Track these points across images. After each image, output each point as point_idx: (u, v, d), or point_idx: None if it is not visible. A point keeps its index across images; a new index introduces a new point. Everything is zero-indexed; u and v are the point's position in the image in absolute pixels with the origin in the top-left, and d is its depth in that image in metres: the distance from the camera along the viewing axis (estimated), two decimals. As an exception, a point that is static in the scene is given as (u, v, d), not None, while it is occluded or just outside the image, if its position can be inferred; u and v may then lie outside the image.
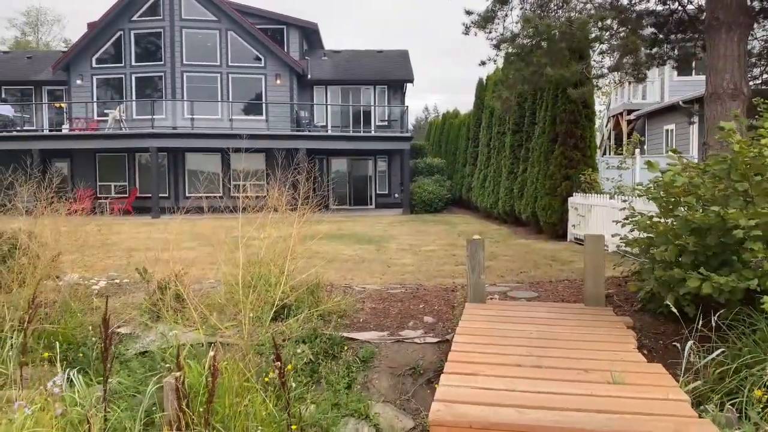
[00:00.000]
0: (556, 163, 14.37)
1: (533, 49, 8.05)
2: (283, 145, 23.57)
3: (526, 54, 8.21)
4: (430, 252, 11.98)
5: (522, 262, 10.50)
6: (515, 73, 8.62)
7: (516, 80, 8.70)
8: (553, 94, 14.75)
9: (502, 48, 8.62)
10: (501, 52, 8.92)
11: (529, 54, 8.13)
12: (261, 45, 25.12)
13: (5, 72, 27.57)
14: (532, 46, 8.10)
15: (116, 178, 25.24)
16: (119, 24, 24.61)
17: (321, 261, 10.82)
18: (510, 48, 8.44)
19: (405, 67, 28.48)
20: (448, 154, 30.05)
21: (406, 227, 17.67)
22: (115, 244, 14.45)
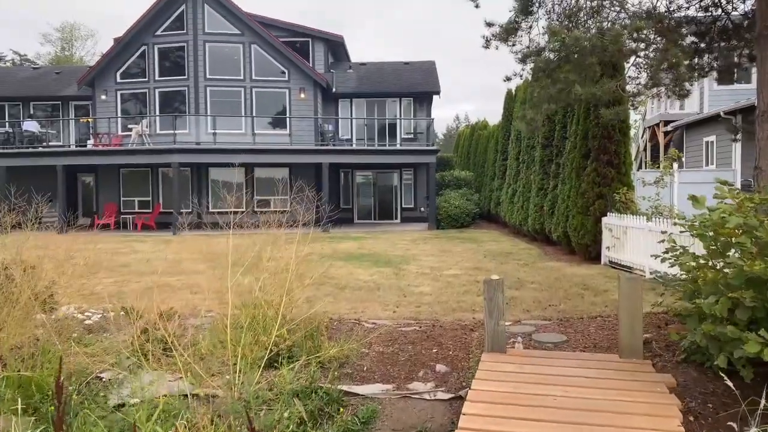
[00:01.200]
0: (588, 181, 13.51)
1: (560, 64, 7.30)
2: (306, 160, 23.18)
3: (552, 70, 7.46)
4: (452, 277, 11.23)
5: (551, 292, 9.68)
6: (540, 92, 7.86)
7: (542, 99, 7.95)
8: (585, 108, 13.90)
9: (528, 62, 7.90)
10: (527, 66, 8.20)
11: (555, 70, 7.38)
12: (285, 58, 24.76)
13: (34, 87, 27.78)
14: (559, 60, 7.35)
15: (140, 193, 25.08)
16: (143, 39, 24.52)
17: (333, 287, 10.19)
18: (535, 63, 7.70)
19: (431, 79, 27.83)
20: (477, 167, 29.23)
21: (429, 245, 16.94)
22: (128, 265, 14.09)
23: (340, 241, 18.60)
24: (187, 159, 22.58)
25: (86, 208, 26.74)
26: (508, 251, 15.52)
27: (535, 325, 7.43)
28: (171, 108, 24.74)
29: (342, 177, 27.29)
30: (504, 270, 12.19)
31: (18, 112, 27.16)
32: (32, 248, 8.82)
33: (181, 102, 24.58)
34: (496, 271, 12.09)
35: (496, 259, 14.02)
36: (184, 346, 6.57)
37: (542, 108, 8.09)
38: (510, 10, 7.74)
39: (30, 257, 8.54)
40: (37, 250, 8.98)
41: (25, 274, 7.58)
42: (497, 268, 12.43)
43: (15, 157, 22.70)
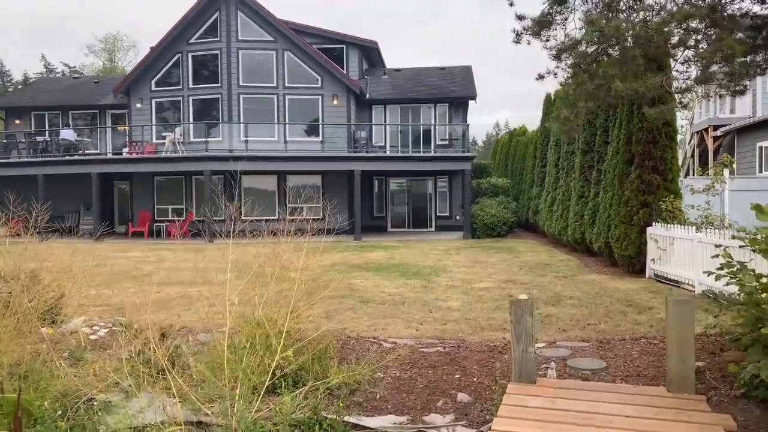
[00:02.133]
0: (632, 188, 12.66)
1: (598, 57, 6.60)
2: (339, 167, 22.79)
3: (589, 64, 6.77)
4: (483, 291, 10.55)
5: (590, 309, 8.91)
6: (576, 89, 7.16)
7: (578, 97, 7.23)
8: (628, 110, 13.07)
9: (563, 58, 7.21)
10: (562, 63, 7.52)
11: (593, 64, 6.68)
12: (317, 65, 24.45)
13: (73, 97, 28.18)
14: (597, 54, 6.66)
15: (173, 201, 25.07)
16: (177, 47, 24.56)
17: (356, 301, 9.64)
18: (570, 58, 7.01)
19: (467, 84, 27.15)
20: (515, 174, 28.38)
21: (462, 255, 16.25)
22: (152, 274, 13.83)
23: (370, 250, 18.08)
24: (220, 167, 22.43)
25: (122, 216, 26.90)
26: (545, 263, 14.73)
27: (572, 347, 6.71)
28: (205, 116, 24.70)
29: (375, 185, 26.81)
30: (540, 283, 11.44)
31: (58, 120, 27.58)
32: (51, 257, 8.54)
33: (215, 110, 24.51)
34: (532, 284, 11.37)
35: (533, 271, 13.26)
36: (183, 367, 6.11)
37: (578, 106, 7.37)
38: (543, 1, 7.09)
39: (39, 267, 8.25)
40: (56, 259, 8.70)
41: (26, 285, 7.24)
42: (533, 281, 11.69)
43: (51, 165, 22.94)
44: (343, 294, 10.22)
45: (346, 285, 11.22)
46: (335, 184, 24.72)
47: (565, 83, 7.67)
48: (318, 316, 8.56)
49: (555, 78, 7.55)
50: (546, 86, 56.41)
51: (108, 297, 10.50)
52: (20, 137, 24.64)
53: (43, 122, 27.50)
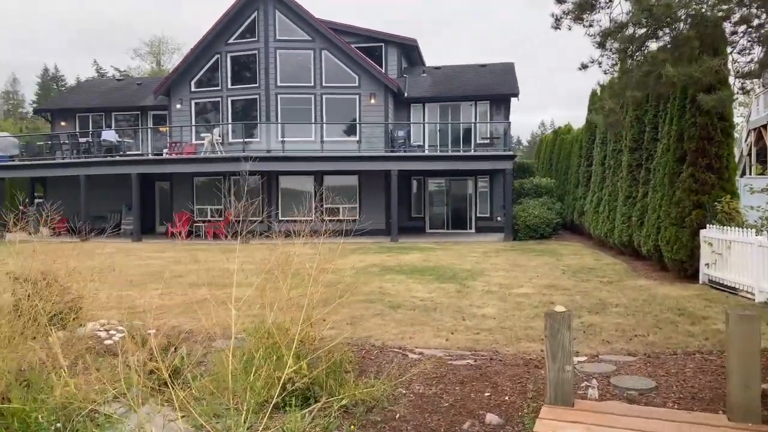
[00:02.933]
0: (684, 188, 11.82)
1: (647, 41, 5.95)
2: (376, 167, 22.37)
3: (637, 49, 6.11)
4: (522, 297, 9.93)
5: (638, 318, 8.21)
6: (622, 77, 6.50)
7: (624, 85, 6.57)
8: (680, 104, 12.23)
9: (608, 45, 6.57)
10: (606, 51, 6.87)
11: (641, 48, 6.03)
12: (355, 64, 24.09)
13: (116, 99, 28.59)
14: (646, 37, 5.99)
15: (212, 201, 25.08)
16: (216, 47, 24.58)
17: (385, 306, 9.16)
18: (616, 42, 6.35)
19: (509, 81, 26.37)
20: (559, 174, 27.44)
21: (502, 258, 15.58)
22: (183, 275, 13.65)
23: (406, 251, 17.57)
24: (256, 167, 22.23)
25: (163, 216, 27.10)
26: (590, 266, 13.96)
27: (616, 362, 6.08)
28: (243, 116, 24.64)
29: (414, 185, 26.28)
30: (584, 289, 10.74)
31: (101, 122, 28.00)
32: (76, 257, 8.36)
33: (253, 110, 24.42)
34: (575, 290, 10.68)
35: (576, 275, 12.54)
36: (193, 377, 5.75)
37: (625, 96, 6.69)
38: (584, -19, 6.48)
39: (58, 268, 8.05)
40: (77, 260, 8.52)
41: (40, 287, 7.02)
42: (576, 287, 11.00)
43: (93, 166, 23.22)
44: (371, 298, 9.76)
45: (376, 288, 10.77)
46: (372, 184, 24.31)
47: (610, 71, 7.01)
48: (342, 321, 8.12)
49: (599, 67, 6.90)
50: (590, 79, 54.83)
51: (133, 299, 10.31)
52: (63, 138, 25.04)
53: (87, 124, 27.96)
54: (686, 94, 12.01)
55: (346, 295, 9.97)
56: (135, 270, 14.30)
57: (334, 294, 10.27)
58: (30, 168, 24.71)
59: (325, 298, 9.72)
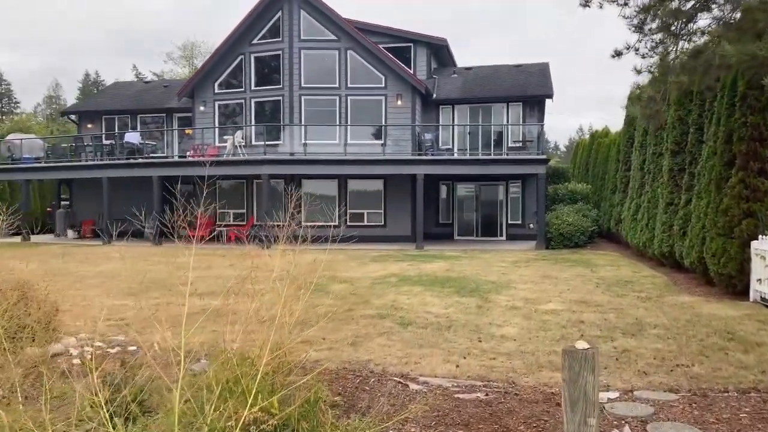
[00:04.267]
0: (732, 194, 10.67)
1: (696, 14, 4.99)
2: (402, 171, 21.58)
3: (683, 24, 5.15)
4: (549, 314, 8.96)
5: (680, 342, 7.18)
6: (665, 58, 5.53)
7: (666, 68, 5.59)
8: (728, 102, 11.09)
9: (647, 26, 5.59)
10: (645, 35, 5.91)
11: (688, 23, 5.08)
12: (381, 64, 23.32)
13: (143, 101, 28.41)
14: (695, 9, 5.04)
15: (235, 205, 24.62)
16: (240, 48, 24.12)
17: (394, 323, 8.30)
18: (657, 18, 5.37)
19: (544, 82, 25.24)
20: (596, 179, 26.16)
21: (531, 269, 14.56)
22: (188, 283, 13.00)
23: (430, 260, 16.67)
24: (278, 170, 21.72)
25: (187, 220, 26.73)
26: (626, 279, 12.85)
27: (655, 402, 5.11)
28: (267, 118, 24.12)
29: (442, 190, 25.34)
30: (618, 305, 9.70)
31: (127, 124, 27.86)
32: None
33: (277, 112, 23.85)
34: (609, 306, 9.65)
35: (611, 289, 11.47)
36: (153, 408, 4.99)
37: (667, 83, 5.70)
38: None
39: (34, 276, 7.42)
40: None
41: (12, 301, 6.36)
42: (610, 303, 9.96)
43: (114, 168, 22.99)
44: (382, 313, 8.92)
45: (389, 302, 9.92)
46: (398, 188, 23.48)
47: (649, 55, 6.02)
48: (344, 341, 7.31)
49: (636, 54, 5.94)
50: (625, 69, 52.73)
51: (129, 309, 9.68)
52: (87, 141, 24.88)
53: (113, 126, 27.84)
54: (735, 91, 10.88)
55: (357, 308, 9.15)
56: (142, 276, 13.75)
57: (344, 307, 9.46)
58: (54, 170, 24.61)
59: (331, 312, 8.92)
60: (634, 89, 6.98)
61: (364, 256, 17.95)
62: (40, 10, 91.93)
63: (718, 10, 5.15)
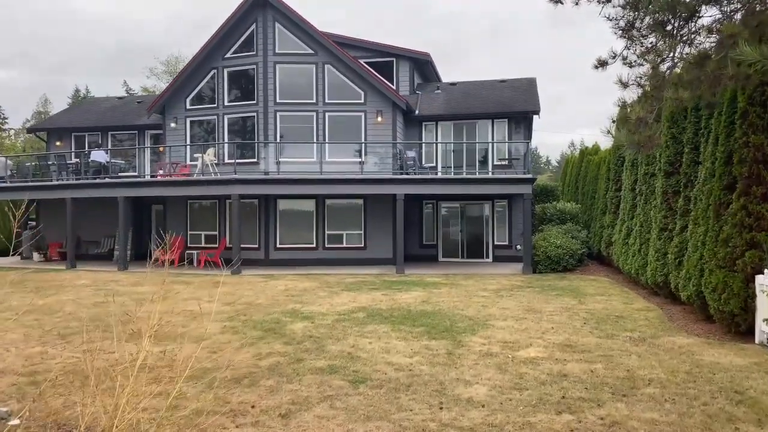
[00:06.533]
0: (734, 222, 9.58)
1: (698, 6, 3.91)
2: (382, 191, 20.46)
3: (683, 21, 4.07)
4: (528, 365, 7.77)
5: (680, 409, 6.01)
6: (658, 68, 4.42)
7: (659, 80, 4.47)
8: (727, 120, 10.03)
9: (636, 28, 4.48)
10: (634, 44, 4.81)
11: (689, 20, 4.00)
12: (361, 79, 22.27)
13: (114, 117, 27.27)
14: (698, 1, 3.97)
15: (207, 227, 23.37)
16: (213, 62, 23.03)
17: (345, 380, 7.08)
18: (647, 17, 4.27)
19: (530, 97, 24.25)
20: (586, 198, 25.14)
21: (514, 300, 13.39)
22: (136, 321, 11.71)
23: (407, 288, 15.47)
24: (250, 190, 20.54)
25: (159, 241, 25.51)
26: (617, 313, 11.70)
27: None
28: (241, 135, 22.98)
29: (426, 209, 24.22)
30: (608, 351, 8.53)
31: (97, 141, 26.68)
32: None
33: (251, 128, 22.71)
34: (597, 352, 8.48)
35: (600, 327, 10.31)
36: None
37: (662, 99, 4.58)
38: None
39: None
40: None
41: None
42: (598, 347, 8.79)
43: (78, 189, 21.75)
44: (334, 365, 7.70)
45: (347, 348, 8.71)
46: (379, 208, 22.33)
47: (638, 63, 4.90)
48: (274, 411, 6.06)
49: (624, 63, 4.84)
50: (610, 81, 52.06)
51: (46, 359, 8.44)
52: (53, 159, 23.66)
53: (82, 143, 26.66)
54: (735, 107, 9.82)
55: (308, 358, 7.92)
56: (87, 311, 12.47)
57: (295, 355, 8.22)
58: (16, 190, 23.28)
59: (277, 363, 7.69)
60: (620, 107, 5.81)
61: (338, 282, 16.74)
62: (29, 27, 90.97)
63: (729, 2, 4.07)
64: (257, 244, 22.36)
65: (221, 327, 10.46)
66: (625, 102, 5.40)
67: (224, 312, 12.07)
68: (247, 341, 9.26)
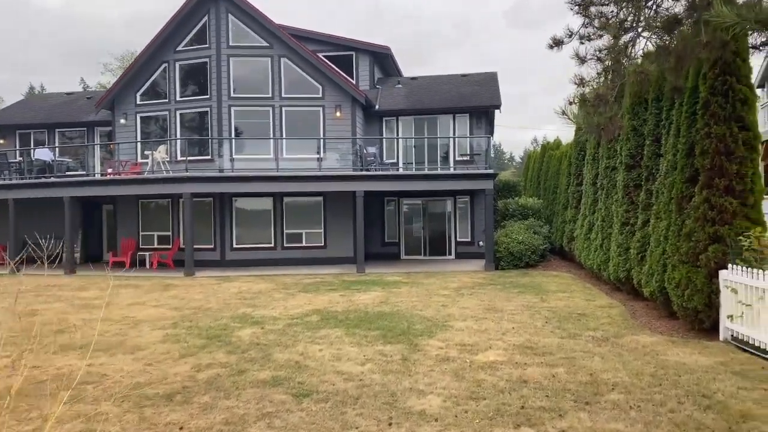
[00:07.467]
0: (696, 216, 9.30)
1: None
2: (340, 188, 19.84)
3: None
4: (487, 370, 7.30)
5: (646, 417, 5.60)
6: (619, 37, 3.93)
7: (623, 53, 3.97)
8: (689, 110, 9.75)
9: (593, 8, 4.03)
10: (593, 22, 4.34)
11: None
12: (319, 73, 21.62)
13: (62, 114, 26.03)
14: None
15: (159, 227, 22.42)
16: (164, 55, 22.08)
17: (288, 394, 6.49)
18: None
19: (492, 92, 23.92)
20: (548, 193, 24.95)
21: (475, 299, 12.98)
22: (71, 329, 10.92)
23: (366, 288, 14.94)
24: (203, 189, 19.71)
25: (111, 243, 24.45)
26: (580, 311, 11.37)
27: None
28: (194, 131, 22.09)
29: (388, 206, 23.72)
30: (570, 352, 8.14)
31: (44, 139, 25.44)
32: None
33: (204, 124, 21.85)
34: (559, 353, 8.08)
35: (562, 326, 9.94)
36: None
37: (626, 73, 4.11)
38: None
39: None
40: None
41: None
42: (560, 348, 8.40)
43: (20, 189, 20.61)
44: (279, 376, 7.12)
45: (295, 356, 8.13)
46: (340, 206, 21.73)
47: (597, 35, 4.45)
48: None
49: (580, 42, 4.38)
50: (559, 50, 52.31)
51: None
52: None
53: (28, 141, 25.39)
54: (697, 97, 9.54)
55: (252, 368, 7.37)
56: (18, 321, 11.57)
57: (238, 365, 7.61)
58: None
59: (217, 375, 7.10)
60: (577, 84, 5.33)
61: (296, 283, 16.11)
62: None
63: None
64: (212, 245, 21.55)
65: (163, 335, 9.76)
66: (583, 79, 4.94)
67: (169, 318, 11.35)
68: (188, 351, 8.60)
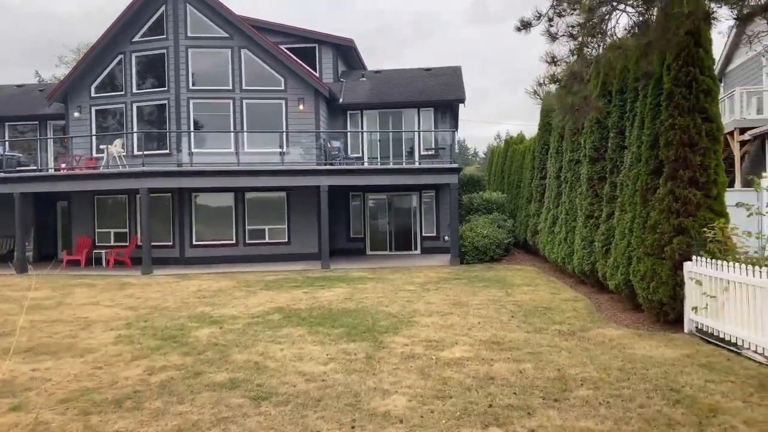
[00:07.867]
0: (661, 208, 9.27)
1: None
2: (304, 182, 19.45)
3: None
4: (453, 367, 7.10)
5: (616, 413, 5.47)
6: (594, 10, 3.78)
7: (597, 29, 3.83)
8: (653, 101, 9.72)
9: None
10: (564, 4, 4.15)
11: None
12: (281, 65, 21.17)
13: (12, 107, 24.97)
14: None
15: (116, 224, 21.70)
16: (120, 46, 21.33)
17: (247, 397, 6.17)
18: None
19: (456, 86, 23.82)
20: (512, 187, 25.00)
21: (440, 294, 12.81)
22: (36, 325, 10.33)
23: (331, 284, 14.65)
24: (161, 184, 19.08)
25: (65, 242, 23.59)
26: (545, 305, 11.29)
27: None
28: (151, 124, 21.41)
29: (353, 201, 23.42)
30: (537, 347, 8.00)
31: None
32: None
33: (162, 117, 21.19)
34: (525, 348, 7.93)
35: (528, 320, 9.83)
36: None
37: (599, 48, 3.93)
38: None
39: None
40: None
41: None
42: (527, 342, 8.26)
43: (-35, 185, 19.66)
44: (236, 378, 6.79)
45: (255, 356, 7.80)
46: (303, 201, 21.36)
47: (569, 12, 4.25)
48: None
49: (550, 24, 4.17)
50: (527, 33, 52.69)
51: None
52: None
53: (-25, 136, 24.28)
54: (661, 89, 9.51)
55: (208, 370, 7.04)
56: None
57: (194, 367, 7.27)
58: None
59: (171, 379, 6.74)
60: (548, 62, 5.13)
61: (258, 281, 15.71)
62: None
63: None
64: (171, 242, 20.94)
65: (115, 336, 9.30)
66: (555, 57, 4.74)
67: (123, 318, 10.87)
68: (141, 353, 8.18)
